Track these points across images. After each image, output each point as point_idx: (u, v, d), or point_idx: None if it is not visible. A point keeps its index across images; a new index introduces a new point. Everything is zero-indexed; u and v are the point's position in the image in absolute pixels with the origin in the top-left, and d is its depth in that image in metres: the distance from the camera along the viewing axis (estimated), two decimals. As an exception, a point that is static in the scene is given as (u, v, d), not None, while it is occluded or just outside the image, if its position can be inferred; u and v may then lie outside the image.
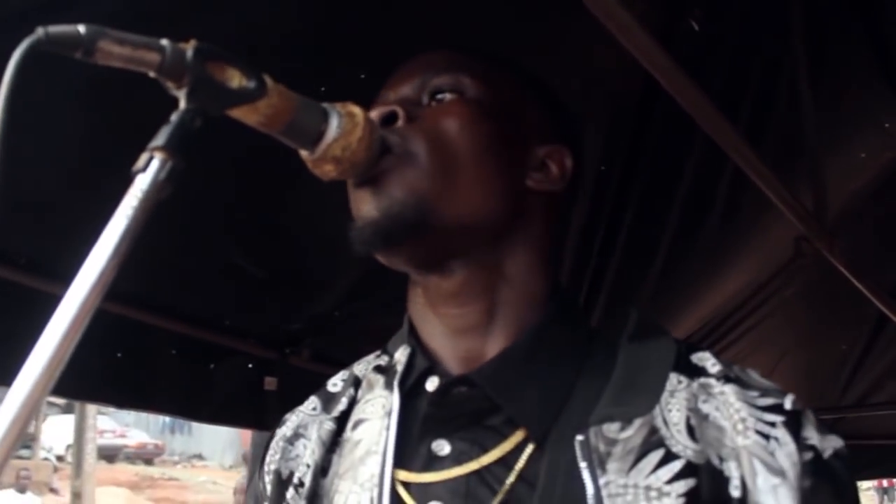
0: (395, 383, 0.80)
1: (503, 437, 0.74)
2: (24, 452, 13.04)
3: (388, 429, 0.78)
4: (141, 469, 19.85)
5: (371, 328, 2.59)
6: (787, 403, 0.75)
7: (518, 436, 0.74)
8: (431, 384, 0.79)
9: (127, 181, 0.62)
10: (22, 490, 10.59)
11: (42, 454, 9.89)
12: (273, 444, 0.92)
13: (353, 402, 0.87)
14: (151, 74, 0.64)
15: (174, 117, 0.64)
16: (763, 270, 3.20)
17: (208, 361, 2.34)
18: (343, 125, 0.72)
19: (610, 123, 2.33)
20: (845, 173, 2.66)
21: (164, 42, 0.63)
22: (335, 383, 0.92)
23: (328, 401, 0.90)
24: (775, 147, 2.32)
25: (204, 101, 0.65)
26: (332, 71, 1.59)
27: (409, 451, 0.77)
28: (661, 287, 3.04)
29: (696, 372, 0.78)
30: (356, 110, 0.74)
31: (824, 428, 0.75)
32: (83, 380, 1.99)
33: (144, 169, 0.61)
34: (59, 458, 16.28)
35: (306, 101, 0.72)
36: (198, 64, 0.64)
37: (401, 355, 0.83)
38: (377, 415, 0.82)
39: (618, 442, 0.72)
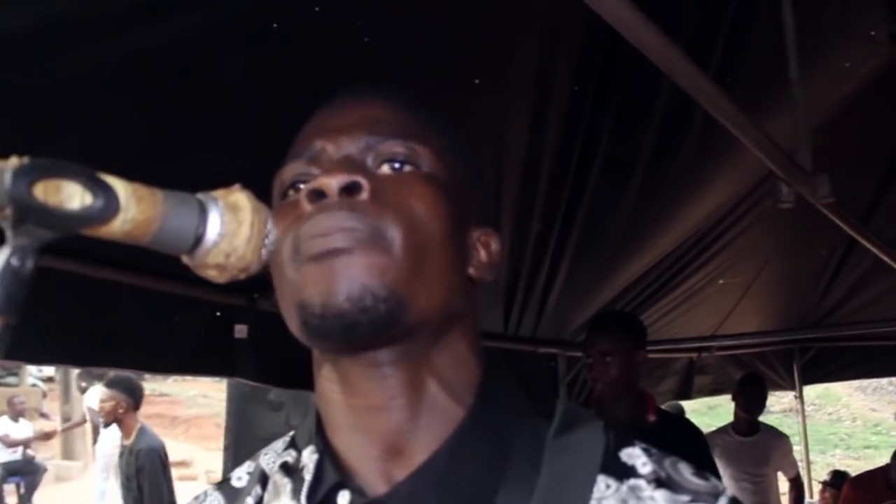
0: (303, 498, 0.69)
1: None
2: (11, 380, 13.08)
3: None
4: (131, 387, 20.00)
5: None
6: None
7: None
8: (343, 500, 0.68)
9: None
10: (16, 417, 10.64)
11: (30, 380, 9.89)
12: None
13: None
14: None
15: None
16: (743, 184, 3.14)
17: (173, 313, 2.26)
18: (226, 224, 0.59)
19: (581, 44, 2.23)
20: (829, 83, 2.57)
21: None
22: (240, 476, 0.81)
23: (233, 498, 0.79)
24: (753, 75, 2.24)
25: (36, 235, 0.52)
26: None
27: None
28: (639, 206, 2.99)
29: (625, 472, 0.70)
30: (242, 201, 0.61)
31: None
32: (42, 342, 1.92)
33: None
34: (49, 380, 16.36)
35: (177, 201, 0.58)
36: (22, 187, 0.50)
37: (308, 459, 0.72)
38: None
39: None
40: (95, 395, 10.88)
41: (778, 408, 12.59)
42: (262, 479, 0.77)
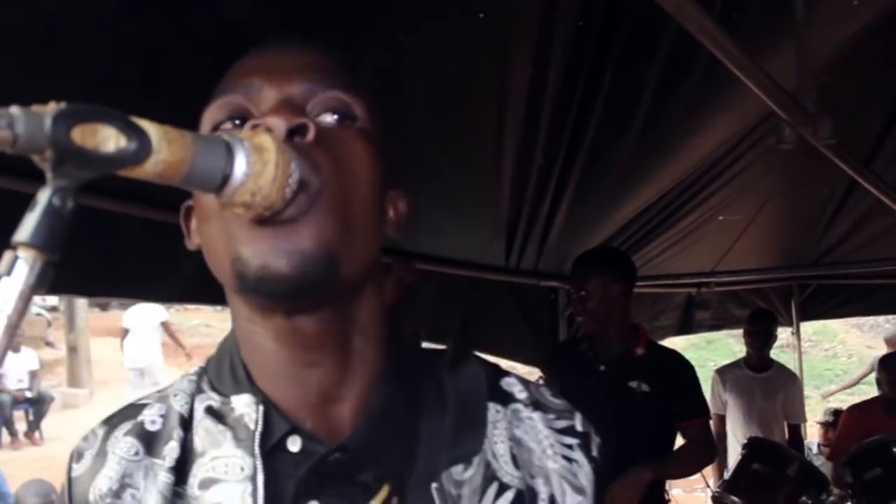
0: (256, 447, 0.73)
1: (372, 492, 0.73)
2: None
3: (254, 495, 0.71)
4: (135, 315, 20.15)
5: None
6: (578, 425, 0.82)
7: (385, 490, 0.73)
8: (294, 446, 0.73)
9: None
10: (16, 349, 10.71)
11: (35, 310, 9.94)
12: (90, 501, 0.77)
13: (186, 449, 0.76)
14: (8, 151, 0.51)
15: (39, 202, 0.53)
16: (746, 122, 3.13)
17: (177, 244, 2.28)
18: (251, 165, 0.61)
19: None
20: (836, 21, 2.54)
21: (14, 110, 0.51)
22: (153, 420, 0.80)
23: (150, 442, 0.78)
24: (759, 14, 2.21)
25: (75, 176, 0.54)
26: None
27: None
28: (641, 142, 2.98)
29: (507, 398, 0.82)
30: (267, 143, 0.63)
31: (598, 438, 0.83)
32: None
33: (9, 273, 0.51)
34: (53, 309, 16.45)
35: (205, 142, 0.60)
36: (60, 132, 0.52)
37: (248, 409, 0.75)
38: (235, 477, 0.73)
39: (464, 483, 0.75)
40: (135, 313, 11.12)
41: (775, 343, 12.70)
42: (183, 422, 0.78)
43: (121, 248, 2.18)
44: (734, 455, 3.86)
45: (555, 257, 3.94)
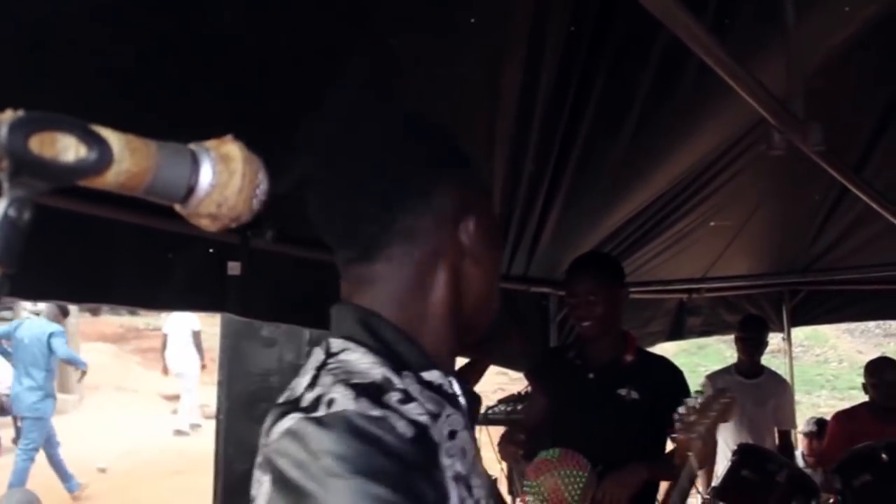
0: (462, 405, 0.98)
1: None
2: (5, 314, 13.05)
3: (473, 439, 0.98)
4: (126, 320, 19.98)
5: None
6: None
7: None
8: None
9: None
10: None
11: (24, 315, 9.89)
12: (443, 449, 0.91)
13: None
14: None
15: None
16: (738, 128, 3.13)
17: (167, 250, 2.27)
18: (217, 175, 0.60)
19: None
20: (827, 28, 2.55)
21: None
22: (400, 399, 0.89)
23: (438, 404, 0.95)
24: (751, 19, 2.21)
25: (32, 186, 0.53)
26: None
27: None
28: (632, 148, 2.98)
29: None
30: (234, 152, 0.62)
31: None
32: (38, 279, 1.94)
33: None
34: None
35: (170, 152, 0.59)
36: (17, 141, 0.51)
37: (442, 380, 0.97)
38: (461, 426, 0.95)
39: None
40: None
41: (766, 348, 12.71)
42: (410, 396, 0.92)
43: (110, 254, 2.16)
44: (724, 461, 3.85)
45: (545, 263, 3.94)
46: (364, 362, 0.90)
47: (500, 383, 9.31)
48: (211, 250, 2.39)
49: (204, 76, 1.83)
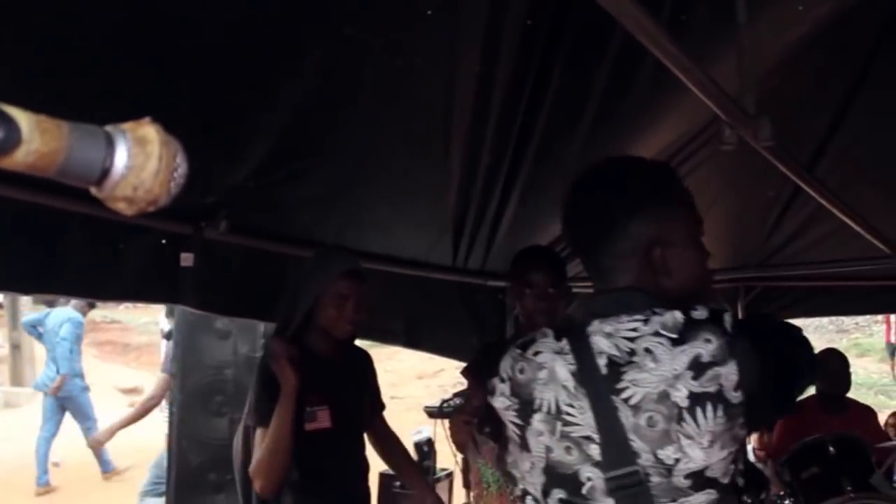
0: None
1: None
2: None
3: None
4: (82, 313, 19.75)
5: (286, 197, 2.53)
6: None
7: None
8: None
9: None
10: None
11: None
12: None
13: None
14: None
15: None
16: (693, 124, 3.16)
17: (118, 240, 2.23)
18: (133, 157, 0.59)
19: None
20: (780, 26, 2.57)
21: None
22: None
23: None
24: (706, 17, 2.23)
25: None
26: None
27: None
28: (589, 142, 2.99)
29: None
30: (150, 135, 0.60)
31: None
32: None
33: None
34: (-3, 306, 16.08)
35: (83, 133, 0.57)
36: None
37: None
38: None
39: None
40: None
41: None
42: None
43: (59, 244, 2.12)
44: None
45: (503, 257, 3.94)
46: None
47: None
48: (163, 241, 2.35)
49: (159, 64, 1.80)
